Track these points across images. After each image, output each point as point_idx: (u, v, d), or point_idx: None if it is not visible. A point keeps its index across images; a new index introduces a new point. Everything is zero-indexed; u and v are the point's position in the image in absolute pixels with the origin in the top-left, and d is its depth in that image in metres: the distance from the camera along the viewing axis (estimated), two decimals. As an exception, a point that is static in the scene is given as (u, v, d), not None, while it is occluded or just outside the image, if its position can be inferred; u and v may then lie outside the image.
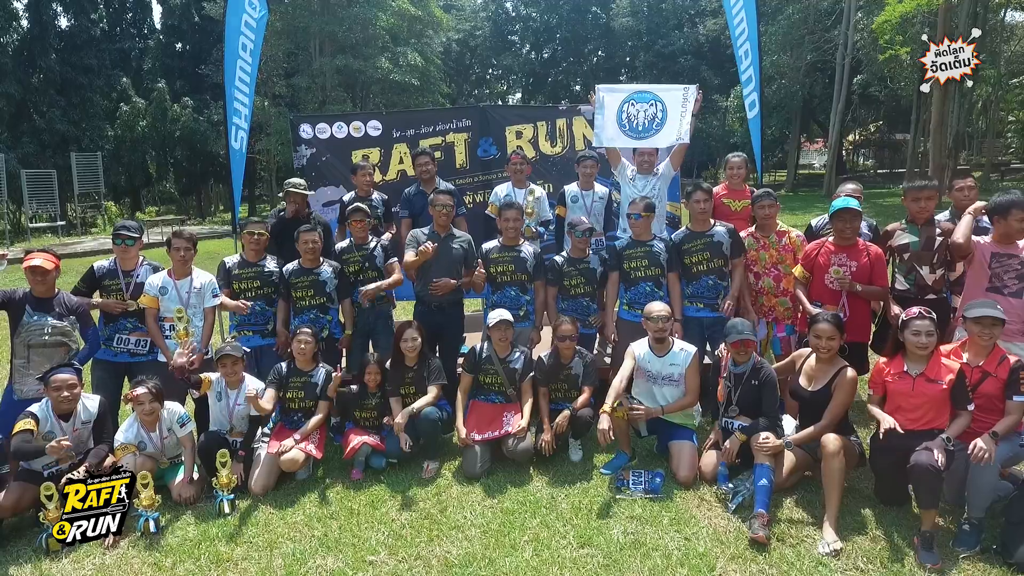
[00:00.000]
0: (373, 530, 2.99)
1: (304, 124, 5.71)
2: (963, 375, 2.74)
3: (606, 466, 3.46)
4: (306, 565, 2.75)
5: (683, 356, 3.44)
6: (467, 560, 2.72)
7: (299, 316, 3.90)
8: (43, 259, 3.40)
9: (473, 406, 3.69)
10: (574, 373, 3.69)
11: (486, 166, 5.64)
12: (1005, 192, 3.29)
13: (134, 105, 23.77)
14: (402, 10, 22.43)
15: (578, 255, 4.03)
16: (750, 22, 5.74)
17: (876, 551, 2.66)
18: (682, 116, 4.13)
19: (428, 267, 3.95)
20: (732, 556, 2.66)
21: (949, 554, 2.62)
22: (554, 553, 2.74)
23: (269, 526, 3.08)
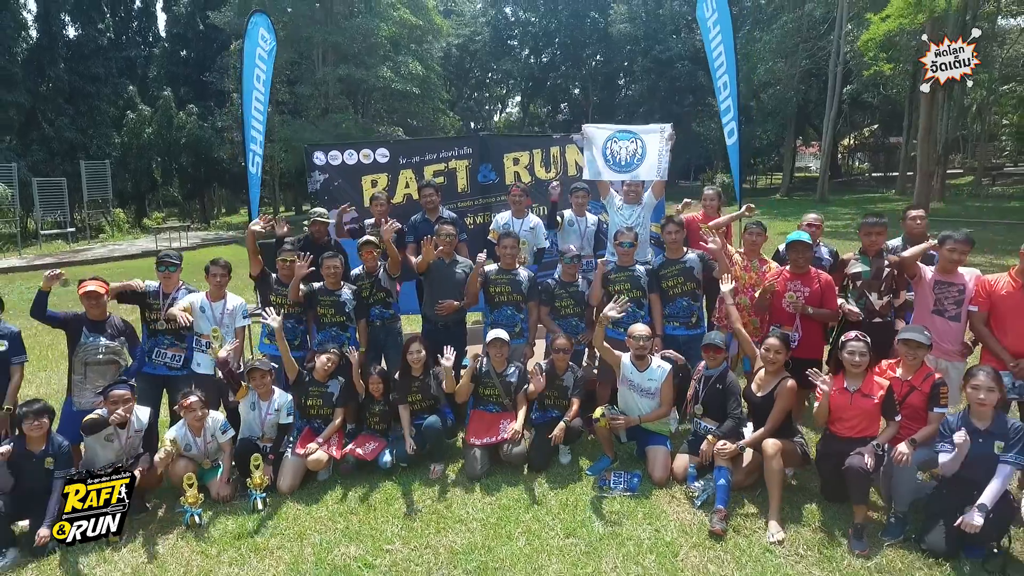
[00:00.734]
0: (388, 523, 3.46)
1: (317, 152, 6.17)
2: (892, 391, 3.22)
3: (591, 468, 3.94)
4: (332, 553, 3.22)
5: (659, 372, 3.91)
6: (469, 548, 3.19)
7: (322, 332, 4.38)
8: (96, 285, 3.86)
9: (473, 414, 4.17)
10: (565, 384, 4.16)
11: (485, 190, 6.10)
12: (956, 230, 3.76)
13: (140, 113, 24.26)
14: (403, 19, 22.91)
15: (568, 279, 4.51)
16: (728, 57, 6.19)
17: (816, 540, 3.14)
18: (660, 154, 4.63)
19: (434, 290, 4.43)
20: (694, 544, 3.14)
21: (878, 543, 3.10)
22: (543, 542, 3.22)
23: (297, 520, 3.55)
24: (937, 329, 3.55)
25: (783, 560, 2.99)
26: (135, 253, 17.92)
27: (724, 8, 6.21)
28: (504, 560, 3.09)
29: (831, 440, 3.34)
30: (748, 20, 29.65)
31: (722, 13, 6.25)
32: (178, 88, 26.98)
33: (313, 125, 22.00)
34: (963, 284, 3.55)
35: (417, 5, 25.97)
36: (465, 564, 3.07)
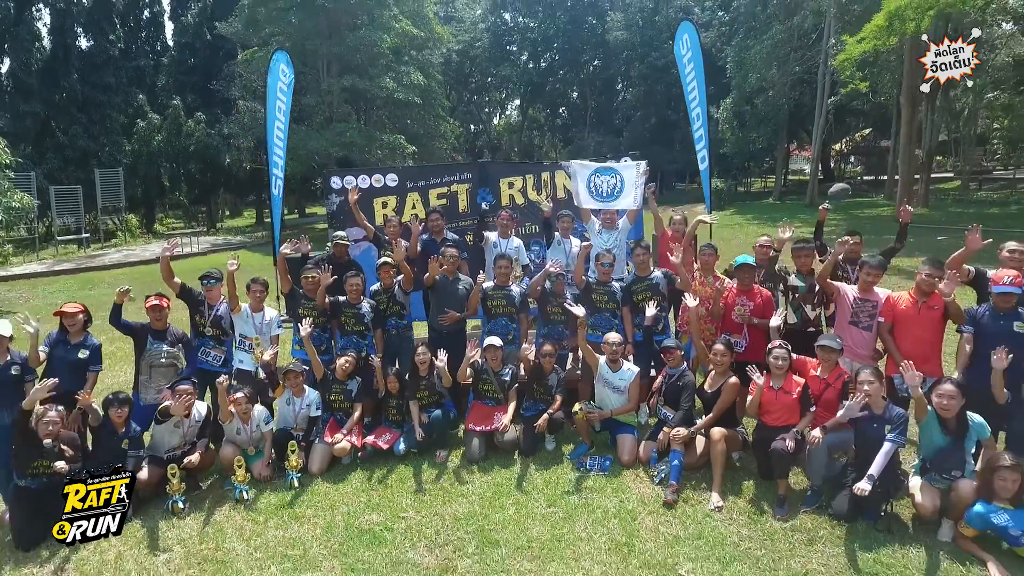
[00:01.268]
0: (403, 497, 4.23)
1: (335, 177, 6.93)
2: (807, 387, 3.99)
3: (571, 453, 4.70)
4: (358, 520, 3.98)
5: (629, 374, 4.68)
6: (469, 516, 3.96)
7: (345, 338, 5.14)
8: (159, 300, 4.62)
9: (473, 405, 4.94)
10: (550, 383, 4.92)
11: (482, 213, 6.86)
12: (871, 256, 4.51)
13: (150, 121, 25.03)
14: (405, 31, 23.65)
15: (558, 291, 5.27)
16: (700, 92, 6.95)
17: (747, 508, 3.90)
18: (636, 187, 5.40)
19: (439, 302, 5.20)
20: (650, 512, 3.90)
21: (797, 510, 3.86)
22: (529, 510, 3.98)
23: (327, 495, 4.32)
24: (852, 337, 4.32)
25: (719, 523, 3.76)
26: (150, 258, 18.64)
27: (697, 48, 6.98)
28: (497, 524, 3.86)
29: (762, 428, 4.11)
30: (742, 29, 30.39)
31: (695, 52, 7.01)
32: (185, 96, 27.75)
33: (318, 133, 22.73)
34: (877, 301, 4.31)
35: (418, 15, 26.73)
36: (466, 527, 3.84)
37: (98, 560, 3.68)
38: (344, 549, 3.69)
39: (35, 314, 4.91)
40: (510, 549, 3.59)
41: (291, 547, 3.74)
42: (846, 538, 3.56)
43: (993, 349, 3.66)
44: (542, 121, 48.54)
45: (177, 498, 4.18)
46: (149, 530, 3.97)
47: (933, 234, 15.87)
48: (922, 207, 22.68)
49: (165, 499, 4.20)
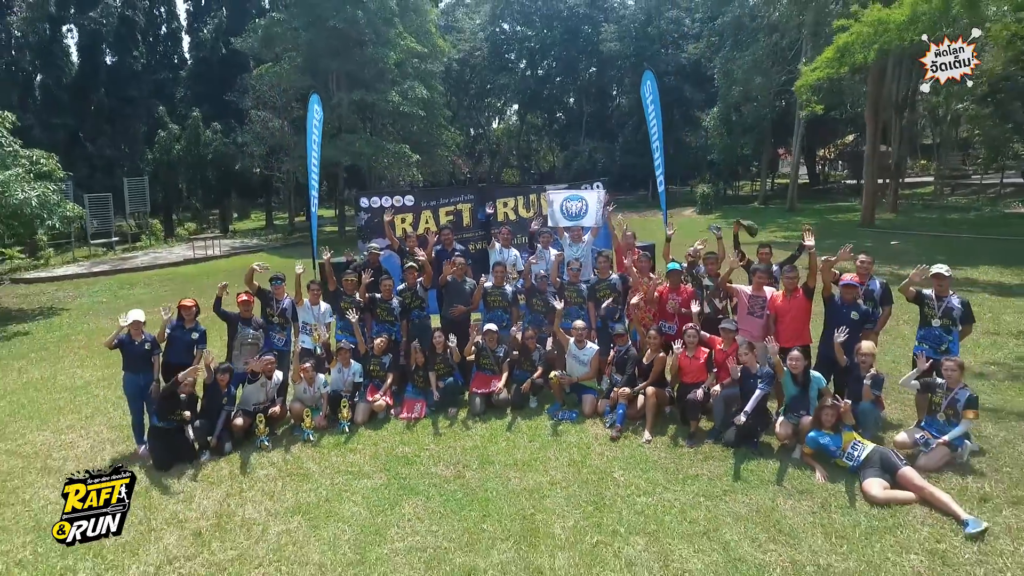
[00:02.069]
0: (426, 437, 5.90)
1: (363, 197, 8.57)
2: (711, 355, 5.67)
3: (549, 408, 6.36)
4: (395, 451, 5.64)
5: (591, 351, 6.33)
6: (473, 447, 5.62)
7: (379, 325, 6.81)
8: (247, 296, 6.29)
9: (476, 375, 6.60)
10: (534, 358, 6.58)
11: (483, 225, 8.52)
12: (760, 264, 6.17)
13: (170, 131, 26.68)
14: (409, 48, 25.33)
15: (541, 289, 6.92)
16: (659, 130, 8.60)
17: (668, 442, 5.56)
18: (597, 210, 7.08)
19: (450, 299, 6.87)
20: (600, 444, 5.57)
21: (703, 443, 5.51)
22: (516, 444, 5.64)
23: (370, 437, 5.98)
24: (750, 323, 5.98)
25: (647, 450, 5.42)
26: (176, 261, 20.33)
27: (656, 94, 8.66)
28: (493, 452, 5.52)
29: (682, 387, 5.77)
30: (728, 41, 32.04)
31: (655, 97, 8.69)
32: (201, 106, 29.41)
33: (329, 143, 24.35)
34: (765, 297, 5.97)
35: (421, 31, 28.42)
36: (471, 454, 5.50)
37: (216, 474, 5.35)
38: (387, 467, 5.35)
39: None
40: (501, 465, 5.26)
41: (349, 466, 5.40)
42: (731, 457, 5.22)
43: (837, 329, 5.34)
44: (540, 126, 50.08)
45: (263, 439, 5.85)
46: (245, 460, 5.63)
47: (888, 239, 17.55)
48: (891, 212, 24.40)
49: (254, 439, 5.87)
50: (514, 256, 7.51)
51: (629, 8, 40.11)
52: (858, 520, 4.22)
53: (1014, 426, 5.45)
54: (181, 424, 5.61)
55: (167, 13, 29.40)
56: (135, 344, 5.81)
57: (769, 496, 4.59)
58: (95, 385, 8.15)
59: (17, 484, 5.41)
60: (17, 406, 7.52)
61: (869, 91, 19.28)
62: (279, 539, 4.34)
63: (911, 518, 4.20)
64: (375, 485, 5.05)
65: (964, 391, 4.88)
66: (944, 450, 4.79)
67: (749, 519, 4.30)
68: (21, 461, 5.87)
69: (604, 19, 40.59)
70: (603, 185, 8.13)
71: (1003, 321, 8.84)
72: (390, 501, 4.78)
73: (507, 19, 44.57)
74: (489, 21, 43.90)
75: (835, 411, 4.88)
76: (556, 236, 7.51)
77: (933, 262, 5.81)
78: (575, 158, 41.40)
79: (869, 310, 5.66)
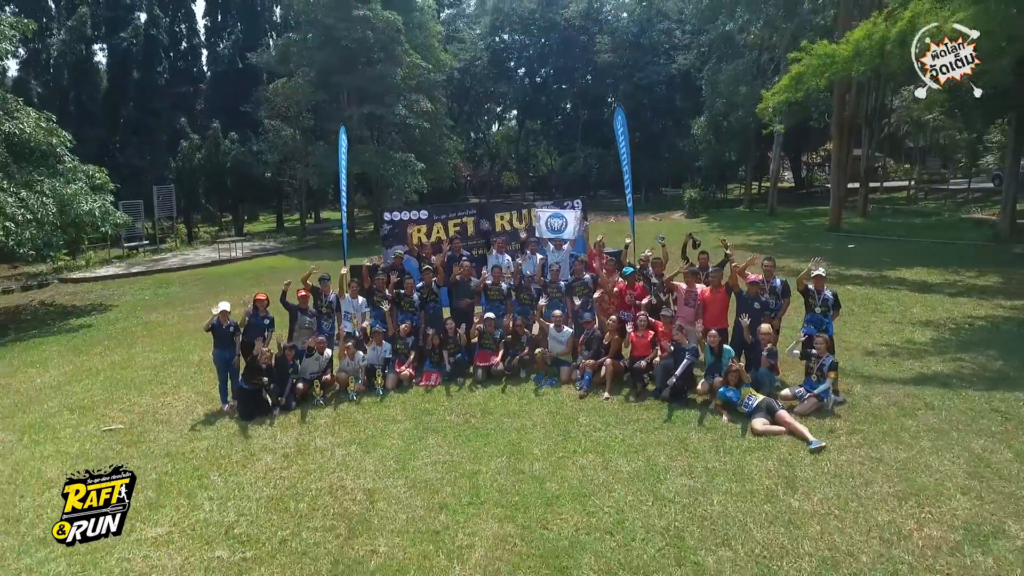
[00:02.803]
0: (441, 398, 7.83)
1: (387, 212, 10.53)
2: (656, 336, 7.61)
3: (534, 377, 8.30)
4: (418, 407, 7.58)
5: (567, 334, 8.28)
6: (477, 403, 7.55)
7: (403, 314, 8.75)
8: (305, 291, 8.24)
9: (479, 353, 8.54)
10: (523, 340, 8.52)
11: (484, 235, 10.45)
12: (691, 266, 8.12)
13: (192, 141, 28.64)
14: (414, 64, 27.28)
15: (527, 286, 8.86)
16: (628, 154, 10.53)
17: (621, 399, 7.49)
18: (575, 225, 9.03)
19: (458, 295, 8.81)
20: (571, 400, 7.50)
21: (646, 399, 7.44)
22: (508, 400, 7.58)
23: (400, 399, 7.91)
24: (685, 312, 7.92)
25: (604, 403, 7.35)
26: (204, 262, 22.27)
27: (626, 128, 10.59)
28: (492, 406, 7.45)
29: (632, 359, 7.72)
30: (714, 55, 33.96)
31: (624, 130, 10.62)
32: (218, 117, 31.36)
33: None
34: (696, 292, 7.91)
35: (425, 46, 30.38)
36: (475, 409, 7.43)
37: (287, 422, 7.29)
38: (413, 416, 7.29)
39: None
40: (498, 415, 7.20)
41: (385, 416, 7.34)
42: (665, 407, 7.14)
43: (742, 315, 7.28)
44: (538, 130, 51.89)
45: (319, 399, 7.80)
46: (306, 413, 7.56)
47: (846, 243, 19.49)
48: (860, 217, 26.33)
49: (311, 400, 7.81)
50: (508, 260, 9.44)
51: (622, 21, 41.96)
52: (742, 444, 6.16)
53: (876, 387, 7.39)
54: (260, 387, 7.55)
55: (188, 30, 31.35)
56: (223, 327, 7.74)
57: (686, 432, 6.52)
58: (170, 364, 10.10)
59: (143, 430, 7.36)
60: (114, 380, 9.47)
61: (835, 107, 21.21)
62: (344, 458, 6.29)
63: (777, 442, 6.13)
64: (405, 427, 7.00)
65: (828, 358, 6.82)
66: (814, 400, 6.72)
67: (668, 444, 6.24)
68: (138, 416, 7.82)
69: (598, 30, 42.44)
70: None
71: (910, 313, 10.78)
72: (417, 437, 6.73)
73: (506, 30, 46.39)
74: (489, 32, 45.74)
75: (738, 374, 6.83)
76: (542, 244, 9.45)
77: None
78: (571, 163, 43.30)
79: (770, 302, 7.61)
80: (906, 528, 4.63)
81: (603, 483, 5.51)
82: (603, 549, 4.59)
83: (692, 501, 5.14)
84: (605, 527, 4.85)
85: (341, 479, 5.85)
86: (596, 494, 5.33)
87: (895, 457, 5.69)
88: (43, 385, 9.50)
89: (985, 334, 9.41)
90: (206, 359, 9.60)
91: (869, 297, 12.00)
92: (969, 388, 7.22)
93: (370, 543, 4.80)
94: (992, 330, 9.62)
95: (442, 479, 5.75)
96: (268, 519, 5.22)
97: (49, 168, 14.56)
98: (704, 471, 5.66)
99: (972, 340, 9.09)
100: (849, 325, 9.97)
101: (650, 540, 4.65)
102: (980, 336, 9.31)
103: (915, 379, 7.64)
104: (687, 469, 5.70)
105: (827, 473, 5.48)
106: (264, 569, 4.55)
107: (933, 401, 6.87)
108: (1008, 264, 14.55)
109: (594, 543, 4.65)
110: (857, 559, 4.31)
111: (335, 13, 24.68)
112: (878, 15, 13.74)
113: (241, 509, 5.39)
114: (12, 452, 6.97)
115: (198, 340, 11.14)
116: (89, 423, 7.69)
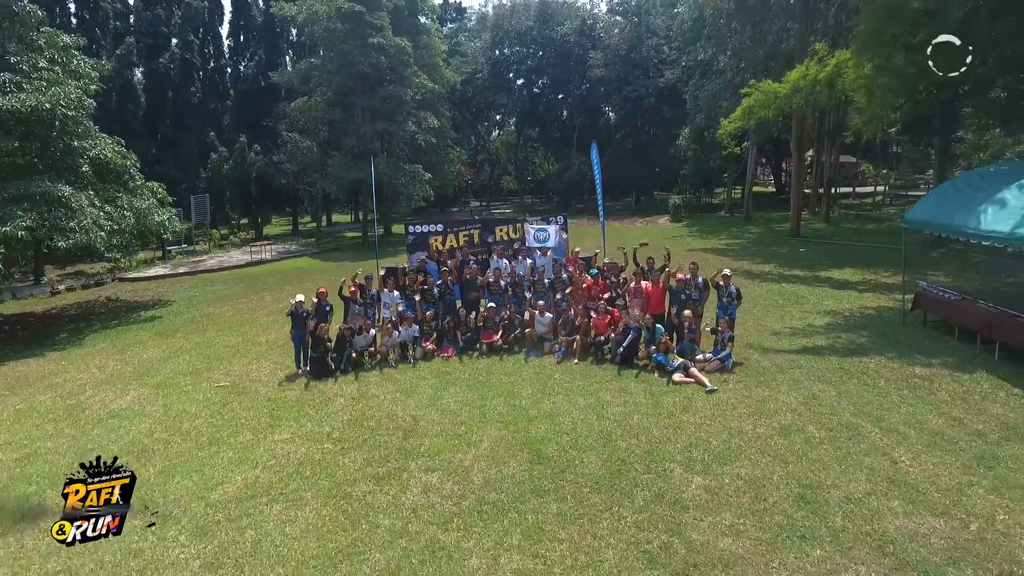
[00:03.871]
0: (457, 364, 10.77)
1: (411, 226, 13.49)
2: (613, 318, 10.56)
3: (525, 351, 11.24)
4: (440, 370, 10.51)
5: (549, 319, 11.23)
6: (482, 369, 10.49)
7: (427, 305, 11.70)
8: (354, 287, 11.19)
9: (483, 333, 11.49)
10: (516, 324, 11.46)
11: (487, 244, 13.39)
12: (640, 269, 11.07)
13: (220, 154, 31.59)
14: (422, 84, 30.23)
15: (519, 283, 11.81)
16: (600, 181, 13.47)
17: (589, 364, 10.42)
18: (558, 236, 11.99)
19: (466, 290, 11.77)
20: (551, 366, 10.43)
21: (603, 364, 10.37)
22: (505, 367, 10.52)
23: (426, 366, 10.83)
24: (634, 302, 10.86)
25: (575, 366, 10.28)
26: (239, 264, 25.17)
27: (598, 159, 13.54)
28: (493, 371, 10.38)
29: (595, 336, 10.66)
30: (697, 71, 36.83)
31: (597, 160, 13.57)
32: (243, 130, 34.31)
33: (355, 165, 29.27)
34: (642, 287, 10.84)
35: (431, 66, 33.32)
36: (481, 372, 10.37)
37: (347, 380, 10.23)
38: (436, 376, 10.23)
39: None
40: (497, 375, 10.13)
41: (416, 376, 10.28)
42: (616, 368, 10.07)
43: (674, 304, 10.24)
44: (536, 137, 54.76)
45: (367, 364, 10.76)
46: (360, 375, 10.50)
47: (799, 247, 22.41)
48: (823, 222, 29.25)
49: (362, 366, 10.75)
50: (505, 263, 12.40)
51: (614, 37, 44.83)
52: (663, 389, 9.09)
53: (769, 355, 10.31)
54: (326, 355, 10.49)
55: (215, 51, 34.30)
56: (298, 312, 10.68)
57: (627, 382, 9.45)
58: (244, 345, 13.04)
59: (244, 386, 10.31)
60: (205, 355, 12.41)
61: (793, 126, 24.15)
62: (392, 399, 9.24)
63: (686, 388, 9.06)
64: (432, 383, 9.94)
65: (728, 333, 9.78)
66: (717, 363, 9.66)
67: (613, 390, 9.17)
68: (237, 378, 10.77)
69: (592, 46, 45.34)
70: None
71: (822, 304, 13.71)
72: (442, 388, 9.67)
73: (506, 45, 49.24)
74: (489, 47, 48.62)
75: (666, 344, 9.78)
76: (531, 251, 12.39)
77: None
78: (566, 169, 46.22)
79: (694, 294, 10.54)
80: (746, 428, 7.58)
81: (566, 410, 8.47)
82: (562, 441, 7.53)
83: (621, 419, 8.09)
84: (564, 431, 7.80)
85: (392, 411, 8.80)
86: (560, 415, 8.28)
87: (758, 395, 8.65)
88: (150, 359, 12.45)
89: (868, 320, 12.35)
90: (271, 340, 12.59)
91: (796, 292, 14.95)
92: (832, 355, 10.17)
93: (419, 441, 7.75)
94: (876, 317, 12.56)
95: (460, 410, 8.70)
96: (352, 430, 8.17)
97: (123, 185, 17.50)
98: (633, 404, 8.61)
99: (855, 324, 12.04)
100: (770, 313, 12.94)
101: (590, 436, 7.61)
102: (863, 321, 12.25)
103: (799, 350, 10.58)
104: (622, 403, 8.65)
105: (710, 403, 8.43)
106: (357, 453, 7.50)
107: (802, 363, 9.82)
108: (921, 265, 17.48)
109: (556, 438, 7.61)
110: (709, 444, 7.26)
111: (352, 40, 27.62)
112: (810, 60, 16.72)
113: (333, 425, 8.35)
114: (157, 400, 9.92)
115: (259, 327, 14.10)
116: (201, 382, 10.64)
